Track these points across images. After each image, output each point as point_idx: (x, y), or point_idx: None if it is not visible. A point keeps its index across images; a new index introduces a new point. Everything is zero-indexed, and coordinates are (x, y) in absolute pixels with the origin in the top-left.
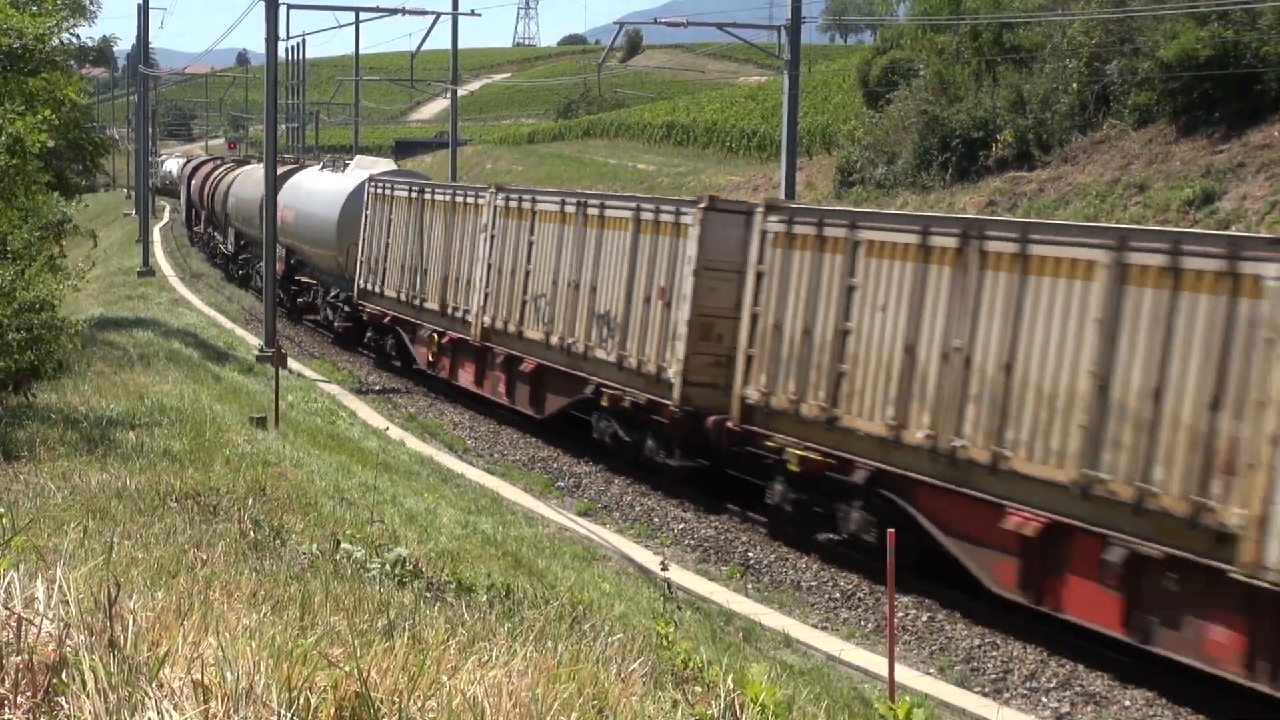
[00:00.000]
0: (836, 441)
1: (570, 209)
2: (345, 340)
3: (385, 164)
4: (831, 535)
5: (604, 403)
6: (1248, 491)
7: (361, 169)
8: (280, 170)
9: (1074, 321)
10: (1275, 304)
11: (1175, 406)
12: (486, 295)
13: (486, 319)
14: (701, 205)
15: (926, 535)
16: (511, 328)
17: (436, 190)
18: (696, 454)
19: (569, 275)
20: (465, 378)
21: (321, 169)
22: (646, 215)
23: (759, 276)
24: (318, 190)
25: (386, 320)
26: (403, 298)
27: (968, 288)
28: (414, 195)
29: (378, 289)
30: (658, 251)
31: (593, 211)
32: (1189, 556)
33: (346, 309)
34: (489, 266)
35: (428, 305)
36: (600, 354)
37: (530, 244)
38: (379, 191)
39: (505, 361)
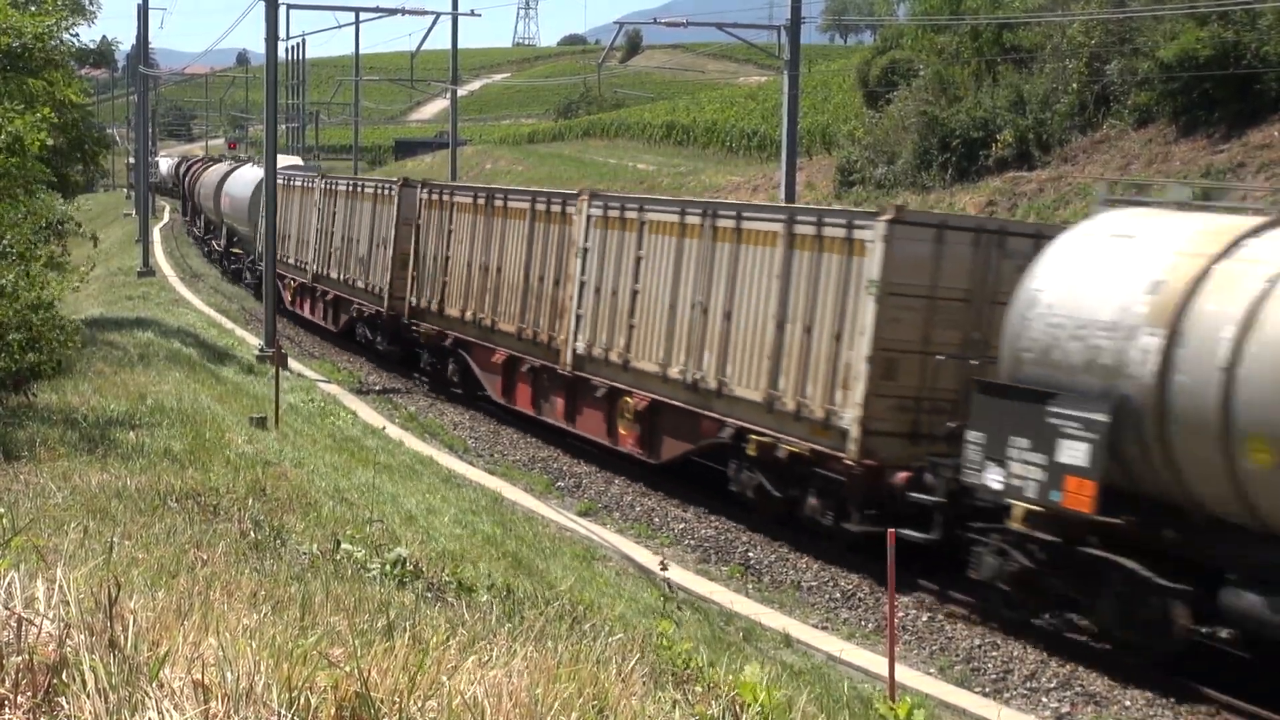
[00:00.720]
0: (443, 324)
1: (351, 188)
2: (257, 292)
3: (293, 160)
4: (457, 389)
5: (356, 314)
6: (564, 326)
7: None
8: (230, 166)
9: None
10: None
11: (540, 284)
12: (315, 251)
13: (315, 267)
14: (398, 183)
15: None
16: (325, 271)
17: (294, 179)
18: (398, 343)
19: (347, 233)
20: (306, 309)
21: (253, 165)
22: (379, 191)
23: (418, 227)
24: (242, 181)
25: None
26: (280, 256)
27: (489, 227)
28: (285, 182)
29: None
30: (382, 214)
31: (356, 190)
32: (549, 364)
33: (256, 269)
34: (317, 231)
35: (289, 261)
36: (359, 284)
37: (334, 214)
38: None
39: (323, 294)
